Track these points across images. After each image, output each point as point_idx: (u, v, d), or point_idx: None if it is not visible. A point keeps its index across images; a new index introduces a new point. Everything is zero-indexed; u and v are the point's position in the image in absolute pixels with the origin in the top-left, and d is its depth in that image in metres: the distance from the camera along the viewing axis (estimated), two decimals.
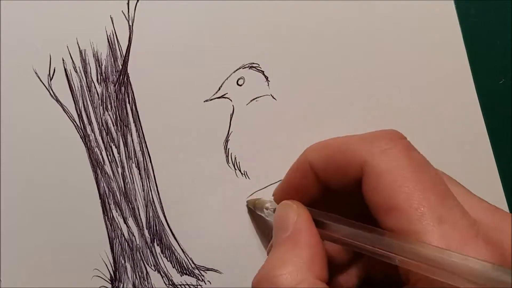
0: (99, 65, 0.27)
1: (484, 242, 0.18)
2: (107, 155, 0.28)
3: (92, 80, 0.28)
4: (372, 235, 0.20)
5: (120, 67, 0.28)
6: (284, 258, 0.21)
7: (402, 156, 0.20)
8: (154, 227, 0.28)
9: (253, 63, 0.28)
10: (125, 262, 0.28)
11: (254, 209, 0.28)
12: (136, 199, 0.28)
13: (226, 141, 0.28)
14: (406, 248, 0.18)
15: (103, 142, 0.28)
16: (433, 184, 0.19)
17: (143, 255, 0.29)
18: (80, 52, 0.27)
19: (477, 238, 0.18)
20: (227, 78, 0.28)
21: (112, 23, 0.27)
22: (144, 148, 0.28)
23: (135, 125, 0.28)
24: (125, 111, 0.28)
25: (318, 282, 0.21)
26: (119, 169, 0.28)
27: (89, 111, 0.28)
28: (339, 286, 0.25)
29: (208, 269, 0.29)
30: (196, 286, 0.29)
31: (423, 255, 0.17)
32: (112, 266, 0.28)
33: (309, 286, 0.20)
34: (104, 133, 0.28)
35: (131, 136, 0.28)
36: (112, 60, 0.27)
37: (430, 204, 0.19)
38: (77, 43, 0.27)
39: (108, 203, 0.28)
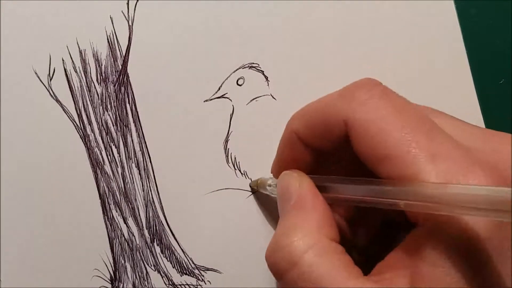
0: (99, 65, 0.27)
1: (481, 169, 0.18)
2: (107, 155, 0.28)
3: (92, 80, 0.28)
4: (373, 187, 0.20)
5: (120, 67, 0.28)
6: (293, 225, 0.21)
7: (383, 103, 0.20)
8: (154, 227, 0.28)
9: (253, 63, 0.28)
10: (125, 262, 0.28)
11: (258, 189, 0.28)
12: (136, 199, 0.28)
13: (226, 141, 0.28)
14: (407, 191, 0.18)
15: (103, 142, 0.28)
16: (419, 123, 0.19)
17: (143, 255, 0.29)
18: (80, 52, 0.27)
19: (474, 167, 0.18)
20: (227, 78, 0.28)
21: (112, 23, 0.27)
22: (144, 148, 0.28)
23: (135, 125, 0.28)
24: (125, 111, 0.28)
25: (331, 242, 0.20)
26: (119, 169, 0.28)
27: (89, 111, 0.28)
28: (351, 241, 0.24)
29: (208, 269, 0.29)
30: (196, 286, 0.29)
31: (425, 194, 0.17)
32: (112, 266, 0.28)
33: (322, 248, 0.20)
34: (104, 133, 0.28)
35: (131, 136, 0.28)
36: (112, 60, 0.27)
37: (421, 144, 0.18)
38: (77, 43, 0.27)
39: (108, 203, 0.28)
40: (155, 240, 0.29)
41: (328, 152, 0.23)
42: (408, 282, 0.18)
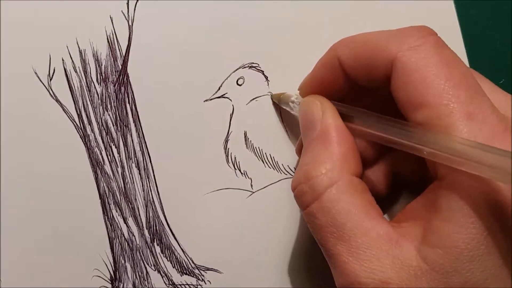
0: (98, 65, 0.27)
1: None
2: (107, 155, 0.28)
3: (91, 80, 0.28)
4: (400, 128, 0.20)
5: (120, 67, 0.28)
6: (316, 159, 0.21)
7: (432, 52, 0.20)
8: (154, 227, 0.28)
9: (253, 63, 0.28)
10: (125, 262, 0.28)
11: (279, 103, 0.28)
12: (136, 199, 0.28)
13: (226, 141, 0.28)
14: (434, 139, 0.18)
15: (103, 142, 0.28)
16: (463, 80, 0.19)
17: (143, 255, 0.29)
18: (80, 52, 0.27)
19: (506, 133, 0.18)
20: (227, 78, 0.28)
21: (112, 23, 0.27)
22: (144, 148, 0.28)
23: (135, 125, 0.28)
24: (125, 111, 0.28)
25: (354, 178, 0.21)
26: (119, 169, 0.28)
27: (89, 111, 0.28)
28: (368, 181, 0.25)
29: (208, 269, 0.29)
30: (196, 286, 0.29)
31: (451, 147, 0.17)
32: (112, 266, 0.28)
33: (344, 185, 0.20)
34: (104, 133, 0.28)
35: (131, 136, 0.28)
36: (112, 60, 0.27)
37: (460, 100, 0.19)
38: (77, 43, 0.27)
39: (108, 203, 0.28)
40: (155, 240, 0.29)
41: (365, 88, 0.23)
42: (421, 234, 0.19)
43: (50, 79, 0.27)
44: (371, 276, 0.19)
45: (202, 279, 0.29)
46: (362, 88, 0.23)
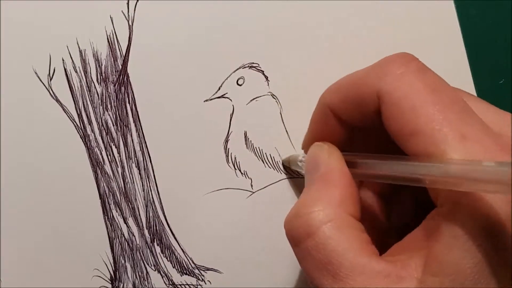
0: (99, 65, 0.27)
1: (509, 154, 0.18)
2: (107, 155, 0.28)
3: (92, 80, 0.28)
4: (399, 163, 0.19)
5: (120, 67, 0.28)
6: (316, 196, 0.21)
7: (417, 78, 0.20)
8: (154, 227, 0.28)
9: (253, 63, 0.28)
10: (125, 262, 0.28)
11: (289, 166, 0.28)
12: (136, 199, 0.28)
13: (226, 141, 0.28)
14: (432, 167, 0.18)
15: (103, 142, 0.28)
16: (451, 103, 0.19)
17: (143, 255, 0.29)
18: (80, 52, 0.27)
19: (502, 152, 0.18)
20: (227, 78, 0.28)
21: (112, 23, 0.27)
22: (144, 148, 0.28)
23: (135, 125, 0.28)
24: (125, 111, 0.28)
25: (350, 218, 0.20)
26: (119, 169, 0.28)
27: (89, 111, 0.28)
28: (372, 228, 0.24)
29: (208, 269, 0.29)
30: (196, 286, 0.29)
31: (449, 170, 0.17)
32: (112, 266, 0.28)
33: (341, 222, 0.20)
34: (104, 133, 0.28)
35: (131, 136, 0.28)
36: (112, 60, 0.27)
37: (451, 123, 0.18)
38: (77, 43, 0.27)
39: (108, 203, 0.28)
40: (155, 240, 0.29)
41: (361, 128, 0.23)
42: (423, 264, 0.18)
43: (50, 79, 0.27)
44: None
45: (202, 279, 0.29)
46: (362, 129, 0.23)
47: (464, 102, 0.20)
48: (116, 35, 0.27)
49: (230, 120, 0.28)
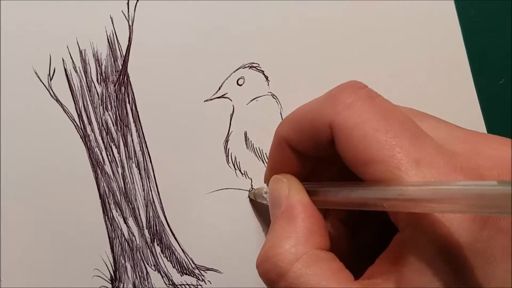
0: (99, 65, 0.27)
1: (463, 174, 0.18)
2: (107, 155, 0.28)
3: (92, 80, 0.28)
4: (358, 189, 0.19)
5: (120, 67, 0.28)
6: (281, 234, 0.21)
7: (366, 107, 0.20)
8: (154, 227, 0.28)
9: (253, 63, 0.28)
10: (125, 262, 0.28)
11: (255, 199, 0.28)
12: (136, 199, 0.28)
13: (226, 141, 0.28)
14: (389, 191, 0.18)
15: (103, 142, 0.28)
16: (403, 128, 0.19)
17: (143, 255, 0.29)
18: (80, 52, 0.27)
19: (456, 173, 0.18)
20: (227, 78, 0.28)
21: (112, 23, 0.27)
22: (144, 148, 0.28)
23: (135, 125, 0.28)
24: (125, 111, 0.28)
25: (319, 251, 0.20)
26: (119, 169, 0.28)
27: (89, 111, 0.28)
28: (344, 252, 0.24)
29: (208, 269, 0.29)
30: (196, 286, 0.29)
31: (406, 193, 0.17)
32: (112, 266, 0.28)
33: (310, 258, 0.20)
34: (104, 133, 0.28)
35: (131, 136, 0.28)
36: (112, 60, 0.27)
37: (404, 149, 0.18)
38: (77, 43, 0.27)
39: (108, 203, 0.28)
40: (155, 240, 0.29)
41: (318, 157, 0.23)
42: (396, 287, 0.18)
43: (50, 79, 0.27)
44: None
45: (202, 279, 0.29)
46: (318, 159, 0.23)
47: (415, 124, 0.20)
48: (116, 35, 0.27)
49: (230, 120, 0.28)
